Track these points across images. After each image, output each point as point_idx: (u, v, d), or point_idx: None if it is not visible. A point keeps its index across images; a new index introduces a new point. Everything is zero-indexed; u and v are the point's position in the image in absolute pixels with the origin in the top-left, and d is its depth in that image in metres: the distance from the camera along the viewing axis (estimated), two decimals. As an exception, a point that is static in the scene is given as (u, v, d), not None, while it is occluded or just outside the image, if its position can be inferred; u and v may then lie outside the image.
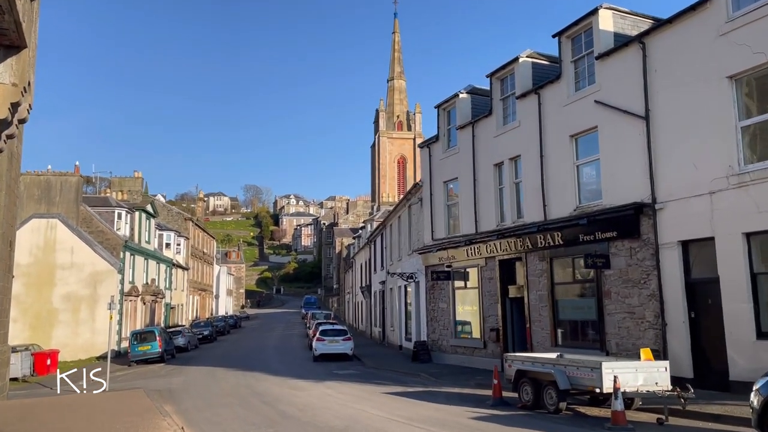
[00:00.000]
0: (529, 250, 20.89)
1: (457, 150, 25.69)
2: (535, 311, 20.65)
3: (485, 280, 23.46)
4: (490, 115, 23.53)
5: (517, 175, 22.25)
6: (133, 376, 28.31)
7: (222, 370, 28.04)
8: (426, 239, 27.74)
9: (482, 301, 23.62)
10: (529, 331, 20.83)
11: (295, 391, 19.06)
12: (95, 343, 37.57)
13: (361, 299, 57.32)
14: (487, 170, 23.61)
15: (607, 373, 11.69)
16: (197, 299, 68.50)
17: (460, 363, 24.62)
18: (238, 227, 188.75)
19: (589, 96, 18.71)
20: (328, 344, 30.69)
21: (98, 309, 38.11)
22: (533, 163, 21.02)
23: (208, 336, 50.61)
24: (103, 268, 38.94)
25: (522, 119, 21.73)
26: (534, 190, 20.90)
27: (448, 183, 26.46)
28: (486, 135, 23.77)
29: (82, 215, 40.92)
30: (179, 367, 31.45)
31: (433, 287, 27.17)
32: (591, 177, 18.99)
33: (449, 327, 25.81)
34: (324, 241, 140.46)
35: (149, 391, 20.17)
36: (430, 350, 26.99)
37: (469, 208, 24.52)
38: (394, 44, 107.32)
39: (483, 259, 23.45)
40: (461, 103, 25.65)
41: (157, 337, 34.66)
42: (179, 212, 66.26)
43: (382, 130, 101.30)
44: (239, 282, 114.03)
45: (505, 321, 22.46)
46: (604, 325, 17.74)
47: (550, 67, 22.20)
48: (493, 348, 22.83)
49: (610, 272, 17.63)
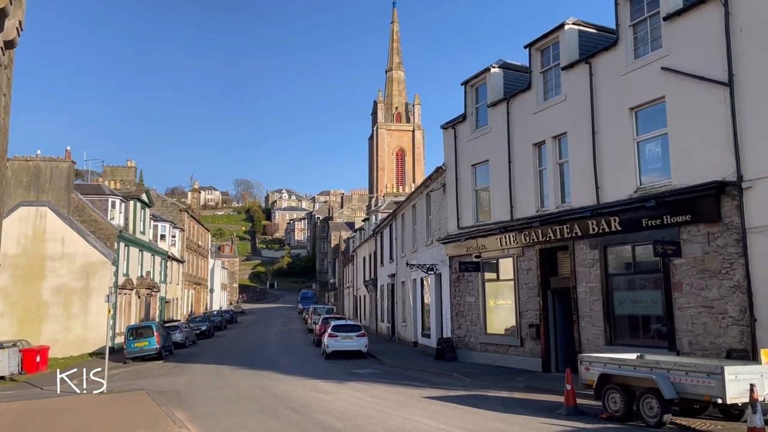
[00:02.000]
0: (578, 238, 18.78)
1: (487, 130, 23.53)
2: (585, 305, 18.54)
3: (522, 271, 21.35)
4: (529, 90, 21.37)
5: (561, 155, 20.11)
6: (131, 374, 26.03)
7: (228, 369, 25.82)
8: (450, 228, 25.58)
9: (518, 294, 21.51)
10: (577, 327, 18.72)
11: (321, 395, 16.86)
12: (88, 339, 35.22)
13: (363, 293, 55.13)
14: (524, 151, 21.48)
15: (730, 379, 9.56)
16: (192, 293, 66.06)
17: (492, 362, 22.51)
18: (229, 222, 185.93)
19: (654, 63, 16.58)
20: (341, 341, 28.51)
21: (91, 302, 35.79)
22: (583, 141, 18.89)
23: (206, 331, 48.39)
24: (96, 259, 36.54)
25: (568, 92, 19.59)
26: (583, 171, 18.78)
27: (477, 166, 24.29)
28: (524, 112, 21.62)
29: (74, 203, 38.49)
30: (180, 365, 29.19)
31: (458, 279, 25.02)
32: (655, 154, 16.87)
33: (478, 323, 23.68)
34: (318, 236, 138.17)
35: (153, 393, 18.03)
36: (455, 347, 24.87)
37: (502, 193, 22.38)
38: (393, 34, 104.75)
39: (520, 248, 21.34)
40: (493, 78, 23.49)
41: (154, 332, 32.42)
42: (174, 203, 63.73)
43: (380, 121, 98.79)
44: (233, 276, 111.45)
45: (546, 316, 20.34)
46: (674, 320, 15.66)
47: (598, 35, 20.08)
48: (532, 346, 20.72)
49: (681, 261, 15.54)
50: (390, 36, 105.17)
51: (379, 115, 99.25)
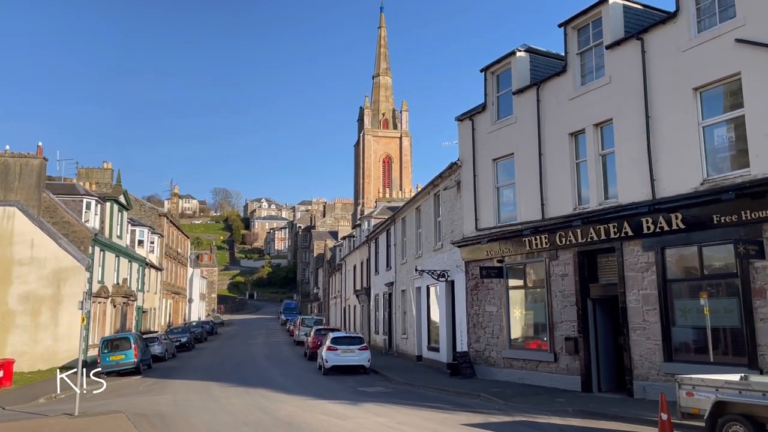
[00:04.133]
0: (627, 238, 16.40)
1: (512, 120, 21.16)
2: (637, 316, 16.14)
3: (555, 276, 18.92)
4: (564, 73, 19.05)
5: (604, 145, 17.78)
6: (107, 392, 22.95)
7: (217, 386, 23.00)
8: (467, 230, 23.11)
9: (550, 302, 19.07)
10: (627, 341, 16.30)
11: (337, 420, 14.19)
12: (57, 351, 32.02)
13: (353, 303, 52.40)
14: (558, 141, 19.12)
15: None
16: (170, 303, 62.70)
17: (518, 379, 20.01)
18: (207, 231, 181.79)
19: (725, 35, 14.34)
20: (342, 355, 25.83)
21: (62, 311, 32.62)
22: (633, 128, 16.57)
23: (186, 344, 45.32)
24: (68, 264, 33.40)
25: (614, 74, 17.27)
26: (635, 162, 16.44)
27: (499, 161, 21.89)
28: (557, 98, 19.29)
29: (45, 203, 35.37)
30: (160, 380, 26.28)
31: (476, 287, 22.53)
32: (726, 140, 14.60)
33: (500, 335, 21.18)
34: (300, 245, 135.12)
35: (133, 416, 15.32)
36: (472, 363, 22.33)
37: (531, 190, 19.98)
38: (380, 39, 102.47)
39: (553, 251, 18.92)
40: (519, 62, 21.15)
41: (132, 344, 29.45)
42: (153, 207, 60.49)
43: (367, 127, 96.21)
44: (211, 286, 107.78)
45: (585, 327, 17.91)
46: (755, 334, 13.33)
47: (644, 12, 17.84)
48: (569, 362, 18.26)
49: (765, 263, 13.25)
50: (377, 41, 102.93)
51: (366, 121, 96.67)
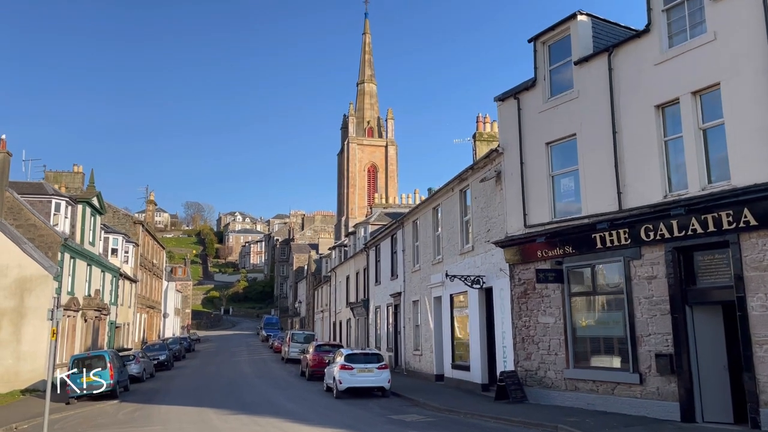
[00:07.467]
0: (745, 229, 13.12)
1: (573, 94, 17.85)
2: (762, 327, 12.82)
3: (639, 279, 15.54)
4: (648, 34, 15.78)
5: (704, 118, 14.54)
6: (78, 422, 19.04)
7: (214, 414, 19.11)
8: (512, 227, 19.69)
9: (631, 311, 15.67)
10: (750, 358, 12.95)
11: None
12: (20, 372, 27.77)
13: (347, 317, 48.55)
14: (640, 116, 15.83)
15: None
16: (145, 318, 58.14)
17: (587, 405, 16.51)
18: (179, 244, 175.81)
19: None
20: (358, 375, 22.13)
21: (26, 326, 28.41)
22: (746, 94, 13.36)
23: (165, 362, 41.11)
24: (34, 272, 29.19)
25: (720, 29, 14.08)
26: (753, 134, 13.21)
27: (554, 144, 18.55)
28: (637, 65, 16.02)
29: (8, 204, 31.16)
30: (143, 406, 22.31)
31: (525, 294, 19.08)
32: None
33: (559, 351, 17.71)
34: (278, 258, 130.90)
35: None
36: (521, 384, 18.82)
37: (601, 176, 16.65)
38: (365, 46, 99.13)
39: (634, 248, 15.56)
40: (579, 28, 17.89)
41: (108, 363, 25.38)
42: (127, 214, 56.08)
43: (351, 135, 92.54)
44: (186, 301, 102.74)
45: (685, 342, 14.51)
46: None
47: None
48: (660, 384, 14.83)
49: None
50: (362, 47, 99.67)
51: (350, 129, 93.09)
